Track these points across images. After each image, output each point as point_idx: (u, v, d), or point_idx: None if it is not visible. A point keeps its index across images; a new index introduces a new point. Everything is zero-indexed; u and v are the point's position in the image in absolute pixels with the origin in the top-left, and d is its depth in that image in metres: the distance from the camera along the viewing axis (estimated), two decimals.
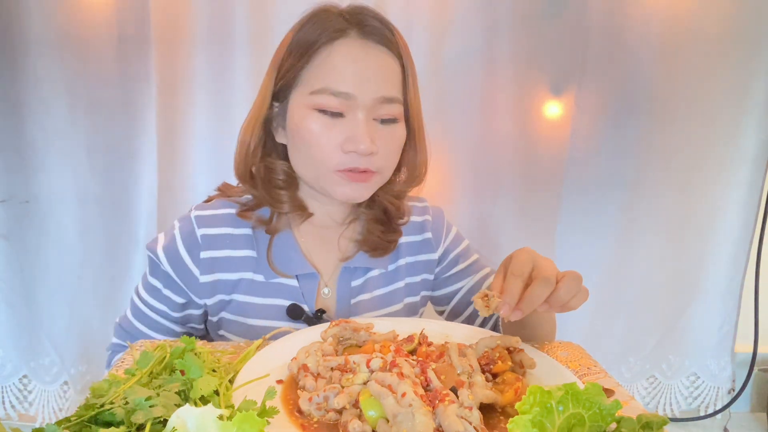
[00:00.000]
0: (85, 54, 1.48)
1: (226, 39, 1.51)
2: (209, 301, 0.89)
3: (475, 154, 1.65)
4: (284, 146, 0.89)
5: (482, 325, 0.98)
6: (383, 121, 0.84)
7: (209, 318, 0.92)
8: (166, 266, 0.86)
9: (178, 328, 0.91)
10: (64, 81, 1.49)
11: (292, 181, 0.90)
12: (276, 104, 0.87)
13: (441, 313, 1.06)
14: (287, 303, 0.88)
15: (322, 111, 0.81)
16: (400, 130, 0.86)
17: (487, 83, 1.60)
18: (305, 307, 0.89)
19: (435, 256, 1.01)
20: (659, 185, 1.70)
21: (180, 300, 0.88)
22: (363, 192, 0.86)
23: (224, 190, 0.96)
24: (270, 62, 0.87)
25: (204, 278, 0.87)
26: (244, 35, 1.50)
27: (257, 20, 1.49)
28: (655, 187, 1.70)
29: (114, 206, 1.58)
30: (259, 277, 0.89)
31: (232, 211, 0.90)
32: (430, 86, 1.58)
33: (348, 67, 0.81)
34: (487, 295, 0.69)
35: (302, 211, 0.91)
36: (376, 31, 0.83)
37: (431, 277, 1.02)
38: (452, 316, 1.04)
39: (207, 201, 0.95)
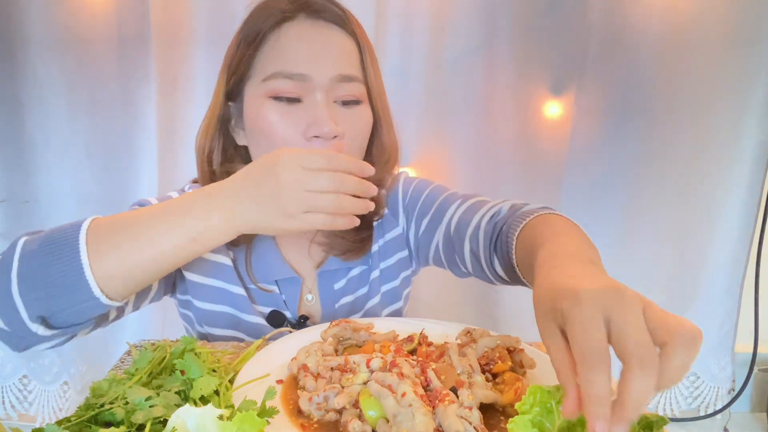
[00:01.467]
0: (85, 54, 1.48)
1: (226, 39, 1.49)
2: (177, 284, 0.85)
3: (475, 154, 1.64)
4: (246, 149, 0.84)
5: (490, 262, 0.82)
6: (345, 103, 0.79)
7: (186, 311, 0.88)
8: None
9: None
10: (64, 81, 1.49)
11: None
12: (231, 104, 0.83)
13: (459, 275, 0.92)
14: (268, 311, 0.85)
15: (278, 98, 0.76)
16: (364, 112, 0.81)
17: (487, 83, 1.60)
18: (287, 314, 0.85)
19: (399, 228, 0.94)
20: (659, 185, 1.70)
21: None
22: None
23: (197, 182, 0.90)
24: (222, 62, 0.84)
25: None
26: None
27: None
28: (654, 187, 1.70)
29: (114, 206, 1.57)
30: (236, 283, 0.84)
31: None
32: (430, 86, 1.58)
33: (299, 48, 0.76)
34: None
35: None
36: (326, 9, 0.79)
37: (405, 252, 0.95)
38: (458, 270, 0.91)
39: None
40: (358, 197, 0.65)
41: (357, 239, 0.89)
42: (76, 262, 0.59)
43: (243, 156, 0.85)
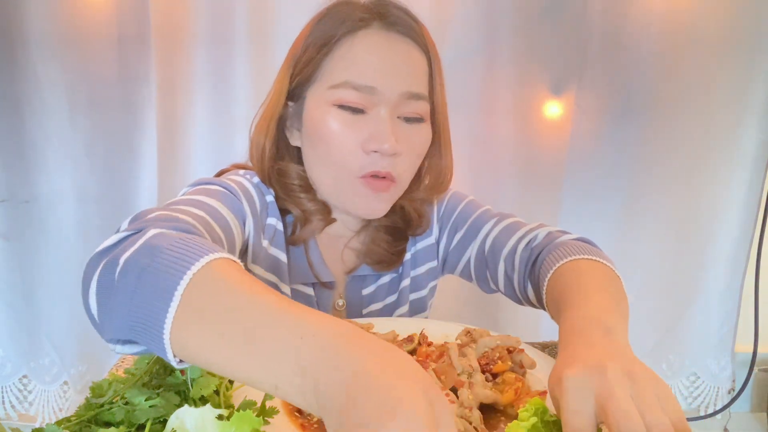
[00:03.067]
0: (85, 54, 1.48)
1: (226, 39, 1.51)
2: None
3: (475, 154, 1.64)
4: (298, 150, 0.83)
5: (523, 287, 0.84)
6: (408, 120, 0.78)
7: None
8: None
9: None
10: (64, 81, 1.49)
11: (307, 184, 0.84)
12: (291, 103, 0.82)
13: (487, 291, 0.94)
14: None
15: (343, 107, 0.75)
16: (425, 132, 0.81)
17: (487, 83, 1.60)
18: None
19: (432, 239, 0.94)
20: (659, 185, 1.70)
21: None
22: (382, 206, 0.80)
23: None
24: (285, 58, 0.82)
25: None
26: (244, 35, 1.50)
27: (257, 20, 1.49)
28: (654, 187, 1.70)
29: (114, 206, 1.58)
30: (286, 281, 0.84)
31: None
32: None
33: (371, 60, 0.75)
34: None
35: (325, 215, 0.84)
36: (401, 21, 0.78)
37: (435, 263, 0.95)
38: (487, 286, 0.92)
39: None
40: None
41: (393, 250, 0.89)
42: (161, 315, 0.46)
43: (294, 155, 0.84)
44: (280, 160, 0.83)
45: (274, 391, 0.42)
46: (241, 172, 0.85)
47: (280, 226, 0.83)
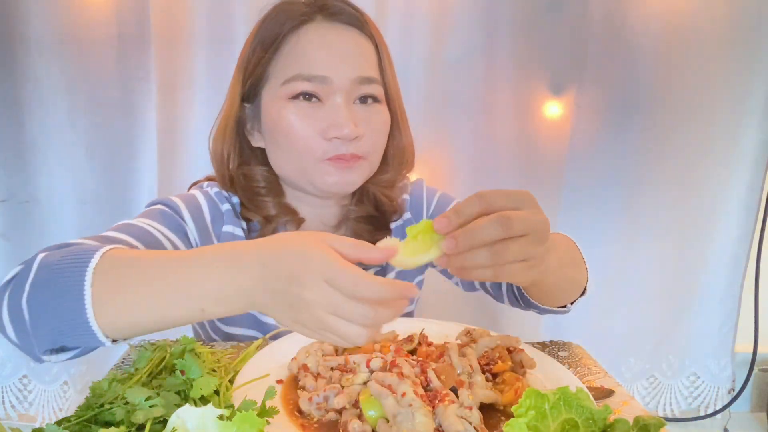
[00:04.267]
0: (85, 54, 1.48)
1: (226, 39, 1.51)
2: None
3: (475, 154, 1.64)
4: (262, 151, 0.84)
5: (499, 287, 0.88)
6: (364, 103, 0.80)
7: None
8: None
9: None
10: (64, 81, 1.49)
11: (274, 187, 0.85)
12: (247, 106, 0.83)
13: (467, 288, 0.99)
14: None
15: (298, 99, 0.77)
16: (383, 112, 0.82)
17: (487, 83, 1.60)
18: None
19: None
20: (659, 185, 1.70)
21: None
22: (353, 179, 0.81)
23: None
24: (236, 64, 0.84)
25: None
26: (244, 35, 1.49)
27: (257, 20, 1.49)
28: (654, 187, 1.70)
29: (114, 206, 1.58)
30: None
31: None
32: (430, 86, 1.58)
33: (319, 50, 0.77)
34: None
35: (292, 215, 0.85)
36: (343, 11, 0.80)
37: None
38: (469, 284, 0.96)
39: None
40: None
41: (375, 240, 0.89)
42: (80, 306, 0.52)
43: (259, 158, 0.85)
44: (245, 165, 0.84)
45: (202, 315, 0.52)
46: (205, 184, 0.87)
47: (238, 231, 0.84)
